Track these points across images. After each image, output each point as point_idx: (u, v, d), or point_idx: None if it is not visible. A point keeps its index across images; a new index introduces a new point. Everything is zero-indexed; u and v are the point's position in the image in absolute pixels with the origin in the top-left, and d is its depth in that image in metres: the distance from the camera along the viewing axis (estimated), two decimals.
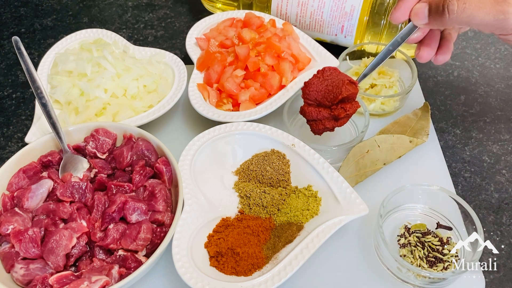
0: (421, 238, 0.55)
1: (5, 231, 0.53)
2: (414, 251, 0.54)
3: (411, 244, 0.55)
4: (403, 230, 0.57)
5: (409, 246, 0.55)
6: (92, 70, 0.71)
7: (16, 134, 0.76)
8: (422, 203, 0.60)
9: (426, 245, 0.54)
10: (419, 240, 0.55)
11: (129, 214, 0.54)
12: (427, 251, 0.54)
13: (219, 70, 0.73)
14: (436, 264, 0.53)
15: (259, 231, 0.57)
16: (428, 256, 0.54)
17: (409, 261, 0.54)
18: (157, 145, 0.62)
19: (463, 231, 0.56)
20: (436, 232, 0.57)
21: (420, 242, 0.55)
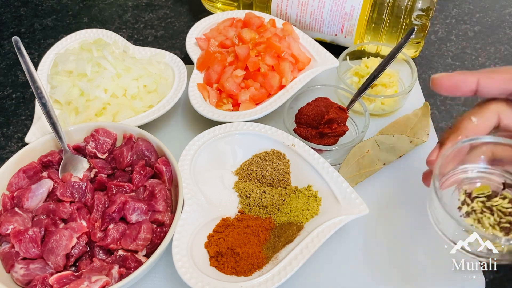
0: (486, 202, 0.47)
1: (5, 231, 0.53)
2: (481, 219, 0.45)
3: (476, 211, 0.46)
4: (463, 197, 0.48)
5: (474, 214, 0.46)
6: (92, 70, 0.71)
7: (16, 134, 0.76)
8: (478, 162, 0.50)
9: (495, 210, 0.46)
10: (484, 205, 0.47)
11: (129, 214, 0.54)
12: (498, 216, 0.45)
13: (219, 70, 0.73)
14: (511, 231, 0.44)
15: (259, 231, 0.57)
16: (500, 222, 0.45)
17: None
18: (157, 145, 0.62)
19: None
20: (504, 194, 0.48)
21: (487, 208, 0.46)
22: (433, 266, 0.56)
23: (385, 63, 0.68)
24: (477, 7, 0.95)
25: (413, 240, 0.59)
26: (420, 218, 0.61)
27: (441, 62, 0.85)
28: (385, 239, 0.59)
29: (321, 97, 0.68)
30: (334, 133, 0.64)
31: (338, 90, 0.72)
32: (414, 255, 0.57)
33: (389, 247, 0.58)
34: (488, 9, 0.95)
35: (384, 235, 0.59)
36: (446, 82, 0.44)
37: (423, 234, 0.59)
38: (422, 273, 0.56)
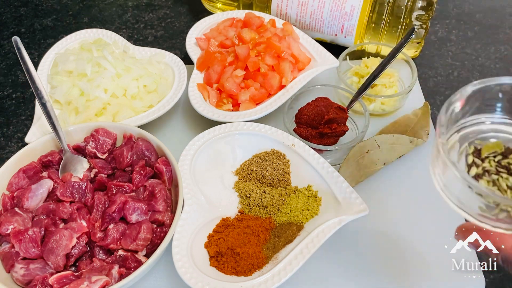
0: (502, 161, 0.38)
1: (5, 231, 0.53)
2: (497, 180, 0.37)
3: (490, 172, 0.38)
4: (471, 158, 0.39)
5: (487, 176, 0.38)
6: (92, 70, 0.71)
7: (16, 134, 0.76)
8: (491, 111, 0.40)
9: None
10: (499, 164, 0.37)
11: (129, 214, 0.54)
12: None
13: (219, 70, 0.73)
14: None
15: (259, 231, 0.57)
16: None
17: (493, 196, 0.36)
18: (157, 145, 0.62)
19: None
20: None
21: (504, 167, 0.37)
22: (433, 266, 0.56)
23: (385, 63, 0.68)
24: (477, 7, 0.95)
25: (413, 240, 0.59)
26: (420, 218, 0.61)
27: (441, 62, 0.85)
28: (385, 239, 0.59)
29: (321, 97, 0.68)
30: (334, 133, 0.64)
31: (338, 90, 0.72)
32: (414, 255, 0.57)
33: (389, 247, 0.58)
34: (488, 9, 0.95)
35: (384, 235, 0.59)
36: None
37: (423, 234, 0.59)
38: (422, 273, 0.56)
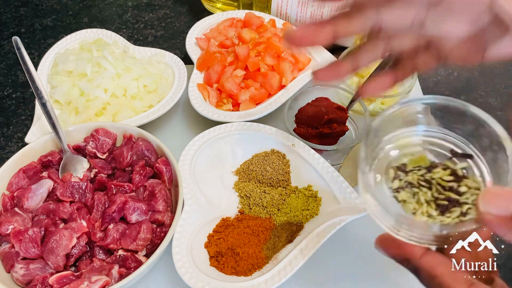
0: (426, 175, 0.37)
1: (5, 231, 0.53)
2: (417, 194, 0.36)
3: (412, 184, 0.37)
4: (392, 172, 0.38)
5: (409, 188, 0.37)
6: (92, 70, 0.71)
7: (16, 134, 0.76)
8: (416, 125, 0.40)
9: (434, 184, 0.36)
10: (423, 178, 0.37)
11: (129, 214, 0.54)
12: (436, 191, 0.36)
13: (219, 70, 0.73)
14: (450, 210, 0.35)
15: (259, 231, 0.57)
16: (438, 198, 0.36)
17: (411, 208, 0.36)
18: (157, 145, 0.62)
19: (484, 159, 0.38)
20: (446, 164, 0.38)
21: (425, 181, 0.37)
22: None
23: (385, 63, 0.67)
24: None
25: None
26: None
27: None
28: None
29: (321, 97, 0.68)
30: (334, 133, 0.64)
31: (338, 90, 0.72)
32: None
33: None
34: None
35: None
36: (300, 36, 0.38)
37: None
38: None
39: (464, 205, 0.35)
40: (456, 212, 0.35)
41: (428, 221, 0.34)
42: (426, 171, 0.38)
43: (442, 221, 0.34)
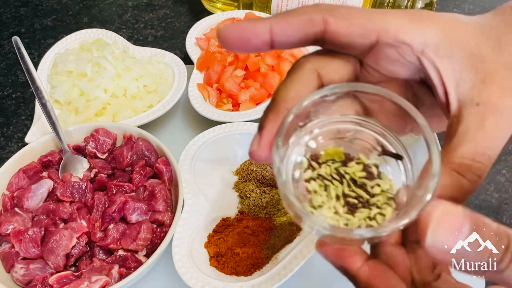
0: (340, 168, 0.33)
1: (5, 231, 0.53)
2: (328, 186, 0.32)
3: (324, 176, 0.33)
4: (306, 162, 0.33)
5: (320, 180, 0.33)
6: (92, 70, 0.71)
7: (16, 134, 0.76)
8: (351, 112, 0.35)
9: (346, 179, 0.33)
10: (337, 171, 0.33)
11: (129, 214, 0.54)
12: (348, 187, 0.32)
13: (219, 70, 0.73)
14: (358, 209, 0.31)
15: (259, 231, 0.57)
16: (349, 195, 0.32)
17: (319, 201, 0.32)
18: (157, 145, 0.62)
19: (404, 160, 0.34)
20: (360, 158, 0.33)
21: (338, 174, 0.33)
22: None
23: None
24: (477, 7, 0.95)
25: None
26: None
27: None
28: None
29: None
30: None
31: None
32: None
33: None
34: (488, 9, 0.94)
35: None
36: (233, 34, 0.31)
37: None
38: None
39: (373, 207, 0.31)
40: (364, 214, 0.31)
41: (326, 219, 0.31)
42: (341, 165, 0.34)
43: (348, 220, 0.31)
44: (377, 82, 0.33)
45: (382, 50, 0.30)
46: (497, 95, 0.28)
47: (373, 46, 0.30)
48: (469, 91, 0.29)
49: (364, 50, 0.30)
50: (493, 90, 0.28)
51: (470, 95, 0.28)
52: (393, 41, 0.29)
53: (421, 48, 0.29)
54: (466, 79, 0.29)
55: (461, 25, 0.30)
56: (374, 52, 0.30)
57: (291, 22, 0.30)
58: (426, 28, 0.29)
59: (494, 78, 0.28)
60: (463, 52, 0.29)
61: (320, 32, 0.30)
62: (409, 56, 0.30)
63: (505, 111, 0.28)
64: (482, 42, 0.29)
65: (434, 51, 0.29)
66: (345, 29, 0.29)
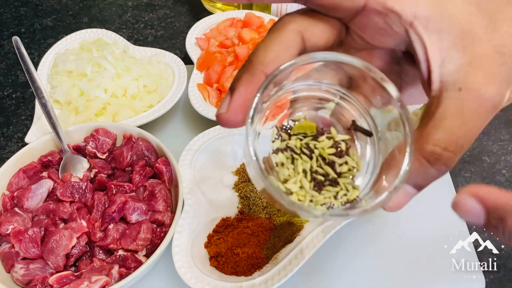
0: (310, 142, 0.31)
1: (5, 231, 0.53)
2: (296, 160, 0.31)
3: (293, 149, 0.31)
4: (275, 132, 0.32)
5: (288, 152, 0.31)
6: (92, 70, 0.71)
7: (16, 134, 0.76)
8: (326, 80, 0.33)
9: (315, 154, 0.31)
10: (307, 146, 0.31)
11: (129, 214, 0.54)
12: (317, 163, 0.31)
13: (219, 70, 0.73)
14: (324, 187, 0.30)
15: (259, 231, 0.57)
16: (316, 171, 0.30)
17: (285, 175, 0.30)
18: (157, 145, 0.62)
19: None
20: (332, 133, 0.32)
21: (308, 148, 0.31)
22: (433, 266, 0.56)
23: None
24: None
25: (413, 240, 0.59)
26: (421, 217, 0.61)
27: None
28: (385, 239, 0.59)
29: None
30: None
31: None
32: (414, 255, 0.57)
33: (389, 247, 0.58)
34: None
35: (384, 235, 0.59)
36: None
37: (423, 234, 0.59)
38: (422, 273, 0.56)
39: (339, 187, 0.30)
40: (330, 193, 0.30)
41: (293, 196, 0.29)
42: (311, 139, 0.32)
43: (313, 196, 0.30)
44: (362, 49, 0.31)
45: (369, 17, 0.28)
46: (481, 82, 0.27)
47: (360, 11, 0.28)
48: (454, 73, 0.27)
49: (350, 14, 0.29)
50: (478, 75, 0.27)
51: (454, 77, 0.27)
52: (381, 8, 0.27)
53: (410, 19, 0.27)
54: (452, 58, 0.27)
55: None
56: (360, 17, 0.29)
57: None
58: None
59: (482, 61, 0.27)
60: (453, 28, 0.27)
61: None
62: (397, 27, 0.28)
63: (486, 100, 0.27)
64: (476, 19, 0.27)
65: (424, 24, 0.27)
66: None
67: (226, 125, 0.29)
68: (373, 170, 0.31)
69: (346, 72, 0.31)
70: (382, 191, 0.28)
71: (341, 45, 0.31)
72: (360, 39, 0.31)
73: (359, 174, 0.31)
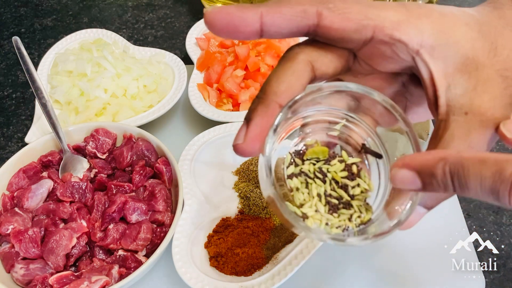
0: (323, 166, 0.32)
1: (5, 231, 0.53)
2: (310, 185, 0.31)
3: (307, 174, 0.32)
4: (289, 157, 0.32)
5: (302, 176, 0.32)
6: (92, 70, 0.71)
7: (16, 134, 0.76)
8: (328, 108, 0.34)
9: (329, 178, 0.32)
10: (320, 170, 0.32)
11: (129, 214, 0.54)
12: (330, 186, 0.32)
13: (219, 70, 0.73)
14: (338, 210, 0.31)
15: (259, 231, 0.57)
16: (330, 195, 0.31)
17: (301, 199, 0.31)
18: (157, 145, 0.62)
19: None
20: (343, 156, 0.33)
21: (321, 173, 0.32)
22: (433, 266, 0.56)
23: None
24: None
25: (413, 240, 0.59)
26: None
27: None
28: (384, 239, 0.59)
29: None
30: None
31: None
32: (414, 255, 0.57)
33: (389, 247, 0.58)
34: None
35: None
36: (220, 20, 0.29)
37: (423, 234, 0.59)
38: (422, 273, 0.56)
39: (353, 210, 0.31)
40: (345, 215, 0.31)
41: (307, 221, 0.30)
42: (324, 163, 0.33)
43: (329, 220, 0.31)
44: (369, 74, 0.33)
45: (377, 46, 0.29)
46: (487, 106, 0.28)
47: (368, 42, 0.29)
48: (460, 97, 0.28)
49: (358, 45, 0.30)
50: (483, 99, 0.28)
51: (460, 101, 0.28)
52: (388, 38, 0.28)
53: (416, 48, 0.29)
54: (457, 83, 0.28)
55: (459, 25, 0.29)
56: (368, 47, 0.30)
57: (283, 13, 0.29)
58: (423, 27, 0.28)
59: (486, 86, 0.28)
60: (458, 55, 0.28)
61: (313, 25, 0.29)
62: (404, 54, 0.29)
63: (492, 123, 0.28)
64: (479, 45, 0.29)
65: (429, 52, 0.29)
66: (339, 23, 0.28)
67: (243, 154, 0.30)
68: (385, 191, 0.32)
69: (353, 96, 0.32)
70: (395, 213, 0.29)
71: (349, 71, 0.33)
72: (367, 65, 0.32)
73: (371, 196, 0.32)
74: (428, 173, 0.25)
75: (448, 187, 0.25)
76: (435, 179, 0.25)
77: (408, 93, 0.34)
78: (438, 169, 0.25)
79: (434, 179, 0.25)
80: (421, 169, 0.25)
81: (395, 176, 0.27)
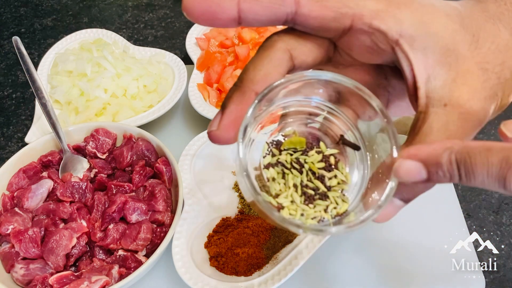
0: (300, 157, 0.32)
1: (5, 231, 0.53)
2: (287, 175, 0.31)
3: (284, 164, 0.32)
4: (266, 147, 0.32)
5: (278, 167, 0.31)
6: (92, 70, 0.71)
7: (16, 134, 0.76)
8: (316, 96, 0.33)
9: (305, 168, 0.31)
10: (297, 160, 0.32)
11: (129, 214, 0.54)
12: (307, 177, 0.31)
13: (219, 70, 0.73)
14: (314, 201, 0.30)
15: (259, 231, 0.57)
16: (307, 186, 0.31)
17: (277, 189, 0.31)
18: (157, 145, 0.62)
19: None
20: (321, 147, 0.32)
21: (298, 163, 0.32)
22: (433, 266, 0.56)
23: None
24: None
25: (413, 240, 0.59)
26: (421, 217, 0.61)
27: None
28: (385, 239, 0.59)
29: None
30: None
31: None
32: (414, 255, 0.57)
33: (389, 247, 0.58)
34: None
35: (384, 235, 0.59)
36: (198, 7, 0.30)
37: (423, 234, 0.59)
38: (422, 273, 0.56)
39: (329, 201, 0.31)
40: (320, 207, 0.31)
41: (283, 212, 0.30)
42: (301, 153, 0.33)
43: (304, 210, 0.30)
44: (350, 65, 0.32)
45: (356, 36, 0.29)
46: (466, 98, 0.28)
47: (347, 31, 0.29)
48: (439, 89, 0.28)
49: (337, 34, 0.29)
50: (462, 91, 0.28)
51: (440, 93, 0.28)
52: (367, 27, 0.28)
53: (395, 38, 0.28)
54: (437, 75, 0.28)
55: (440, 16, 0.29)
56: (347, 36, 0.29)
57: (260, 0, 0.28)
58: (403, 16, 0.28)
59: (466, 78, 0.28)
60: (438, 46, 0.28)
61: (291, 13, 0.28)
62: (383, 44, 0.29)
63: (471, 115, 0.28)
64: (460, 37, 0.28)
65: (409, 42, 0.28)
66: (317, 12, 0.28)
67: (217, 141, 0.29)
68: (362, 183, 0.32)
69: (334, 87, 0.31)
70: (370, 205, 0.29)
71: (330, 62, 0.32)
72: (347, 56, 0.31)
73: (348, 187, 0.32)
74: (434, 162, 0.25)
75: (454, 176, 0.25)
76: (441, 168, 0.25)
77: (390, 87, 0.34)
78: (444, 158, 0.24)
79: (440, 169, 0.25)
80: (427, 159, 0.25)
81: (400, 168, 0.26)
